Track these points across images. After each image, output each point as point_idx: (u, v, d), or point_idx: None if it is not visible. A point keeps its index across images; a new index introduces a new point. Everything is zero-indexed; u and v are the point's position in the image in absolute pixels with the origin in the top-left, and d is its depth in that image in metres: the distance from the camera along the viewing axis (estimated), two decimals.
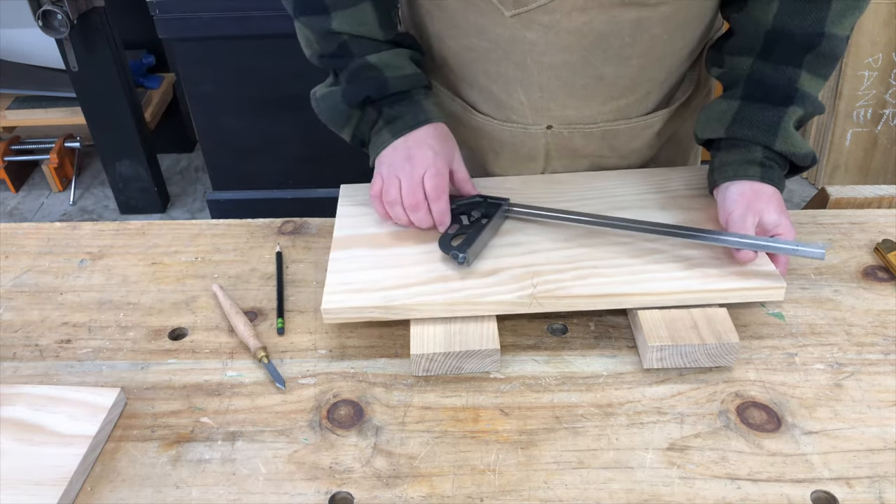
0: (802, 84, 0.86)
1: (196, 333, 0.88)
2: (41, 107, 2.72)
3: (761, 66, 0.87)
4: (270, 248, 1.00)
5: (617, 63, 0.91)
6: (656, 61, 0.93)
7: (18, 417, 0.75)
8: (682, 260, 0.85)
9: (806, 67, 0.85)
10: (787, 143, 0.86)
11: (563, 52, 0.89)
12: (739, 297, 0.82)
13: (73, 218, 2.77)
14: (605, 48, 0.89)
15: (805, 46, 0.85)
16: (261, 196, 2.43)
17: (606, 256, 0.86)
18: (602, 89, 0.94)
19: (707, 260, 0.85)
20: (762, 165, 0.86)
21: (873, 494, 0.67)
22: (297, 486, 0.71)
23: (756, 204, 0.85)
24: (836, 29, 0.84)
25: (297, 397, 0.79)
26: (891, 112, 2.50)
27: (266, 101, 2.23)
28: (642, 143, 1.03)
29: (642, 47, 0.89)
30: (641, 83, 0.95)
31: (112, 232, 1.04)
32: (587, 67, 0.91)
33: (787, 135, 0.86)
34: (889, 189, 1.07)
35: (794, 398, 0.77)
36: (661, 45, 0.90)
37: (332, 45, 0.91)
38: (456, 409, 0.77)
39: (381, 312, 0.82)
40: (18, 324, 0.90)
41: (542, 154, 1.03)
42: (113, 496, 0.70)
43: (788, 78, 0.86)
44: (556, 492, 0.69)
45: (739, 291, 0.82)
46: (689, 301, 0.81)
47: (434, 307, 0.82)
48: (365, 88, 0.90)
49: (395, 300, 0.82)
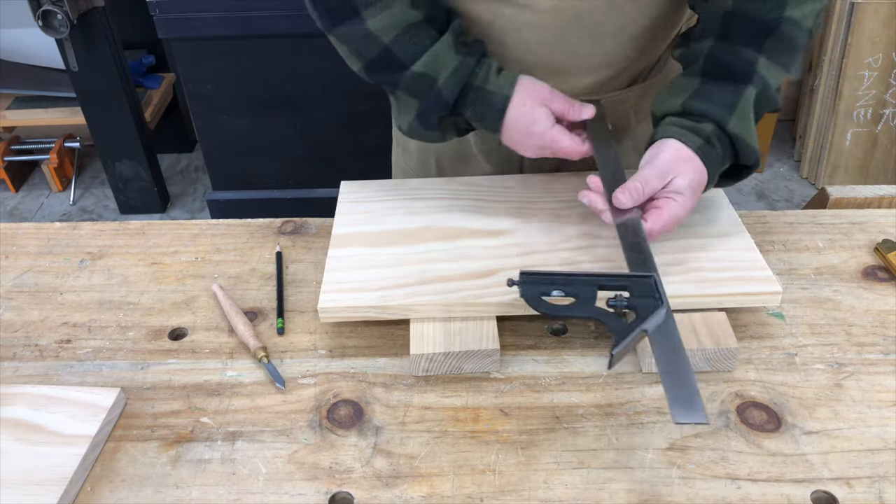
0: (761, 68, 0.84)
1: (196, 333, 0.88)
2: (41, 107, 2.72)
3: (720, 46, 0.86)
4: (270, 248, 1.00)
5: (591, 40, 0.93)
6: (630, 40, 0.95)
7: (18, 417, 0.75)
8: (679, 263, 0.85)
9: (765, 53, 0.84)
10: (741, 125, 0.84)
11: (539, 29, 0.92)
12: (735, 303, 0.82)
13: (73, 218, 2.77)
14: (579, 26, 0.91)
15: (764, 31, 0.84)
16: (261, 196, 2.43)
17: (603, 259, 0.86)
18: (577, 65, 0.97)
19: (703, 263, 0.85)
20: (707, 142, 0.83)
21: (873, 494, 0.67)
22: (297, 486, 0.71)
23: (679, 165, 0.82)
24: (796, 13, 0.83)
25: (297, 397, 0.79)
26: (891, 112, 2.50)
27: (266, 101, 2.23)
28: (620, 119, 1.05)
29: (614, 26, 0.92)
30: (616, 60, 0.97)
31: (112, 232, 1.04)
32: (563, 44, 0.94)
33: (742, 117, 0.84)
34: (889, 189, 1.07)
35: (794, 398, 0.77)
36: (633, 23, 0.93)
37: (374, 50, 0.88)
38: (456, 409, 0.77)
39: (376, 312, 0.83)
40: (18, 324, 0.90)
41: None
42: (113, 496, 0.70)
43: (746, 60, 0.85)
44: (556, 492, 0.69)
45: (735, 297, 0.82)
46: (684, 305, 0.81)
47: (430, 308, 0.82)
48: (432, 110, 0.89)
49: (392, 300, 0.82)
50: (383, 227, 0.93)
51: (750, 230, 0.91)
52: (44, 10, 2.16)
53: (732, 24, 0.86)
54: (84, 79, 2.40)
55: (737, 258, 0.85)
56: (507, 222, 0.93)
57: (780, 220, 1.00)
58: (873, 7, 2.32)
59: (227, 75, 2.20)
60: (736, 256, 0.86)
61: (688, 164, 0.82)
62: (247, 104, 2.25)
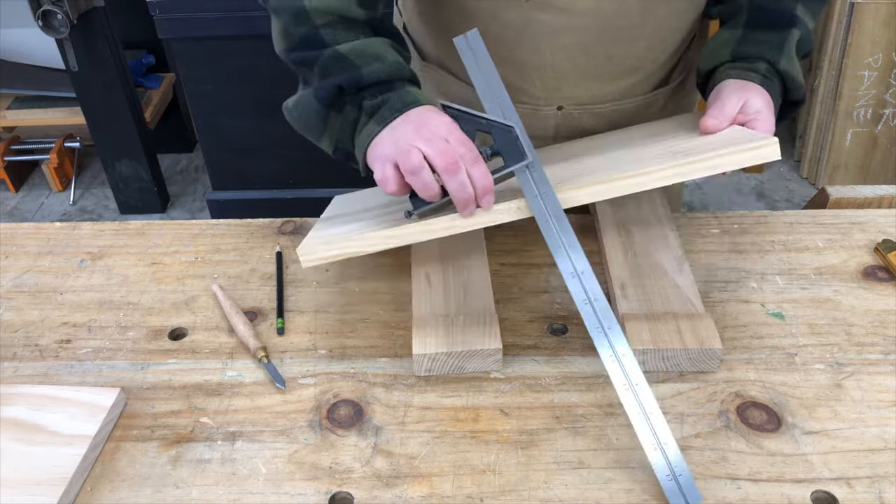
0: (800, 13, 0.91)
1: (196, 333, 0.88)
2: (41, 107, 2.72)
3: None
4: (270, 248, 1.00)
5: (626, 44, 0.94)
6: (660, 42, 0.97)
7: (18, 417, 0.75)
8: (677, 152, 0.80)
9: (801, 1, 0.91)
10: (789, 64, 0.89)
11: (575, 33, 0.92)
12: (735, 163, 0.75)
13: (73, 218, 2.77)
14: (615, 29, 0.92)
15: None
16: (261, 196, 2.43)
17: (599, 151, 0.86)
18: (611, 69, 0.97)
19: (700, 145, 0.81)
20: (764, 76, 0.89)
21: (873, 494, 0.67)
22: (297, 486, 0.71)
23: (746, 92, 0.86)
24: None
25: (297, 397, 0.79)
26: (891, 112, 2.49)
27: (266, 101, 2.23)
28: (646, 120, 1.06)
29: (649, 28, 0.93)
30: (646, 63, 0.99)
31: (112, 232, 1.04)
32: (598, 48, 0.94)
33: (790, 56, 0.90)
34: (889, 189, 1.07)
35: (794, 398, 0.77)
36: (665, 26, 0.95)
37: (301, 29, 0.81)
38: (456, 409, 0.77)
39: (357, 246, 0.78)
40: (18, 324, 0.90)
41: (551, 134, 1.06)
42: (113, 496, 0.70)
43: (787, 6, 0.91)
44: (556, 492, 0.69)
45: (734, 156, 0.75)
46: (686, 174, 0.75)
47: (412, 233, 0.77)
48: (337, 80, 0.79)
49: (368, 232, 0.78)
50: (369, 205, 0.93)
51: (750, 230, 0.91)
52: (44, 10, 2.16)
53: None
54: (84, 79, 2.40)
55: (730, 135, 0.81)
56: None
57: (780, 220, 1.00)
58: (873, 7, 2.32)
59: (227, 75, 2.20)
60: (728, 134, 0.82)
61: (754, 90, 0.86)
62: (247, 104, 2.25)
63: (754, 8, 0.92)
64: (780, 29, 0.90)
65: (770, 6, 0.91)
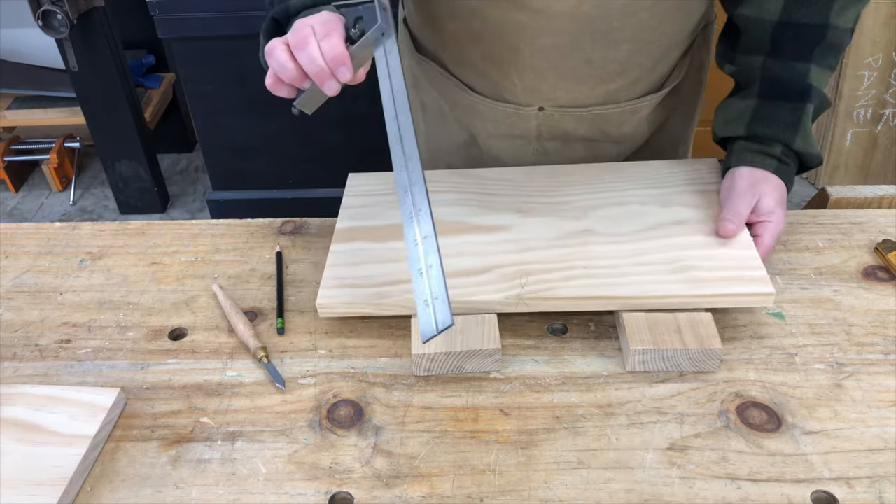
0: (813, 78, 0.89)
1: (196, 333, 0.88)
2: (41, 107, 2.72)
3: (773, 64, 0.90)
4: (270, 248, 1.00)
5: (606, 47, 0.93)
6: (645, 46, 0.95)
7: (18, 417, 0.75)
8: (672, 262, 0.84)
9: (815, 61, 0.88)
10: (805, 142, 0.89)
11: (553, 35, 0.91)
12: (727, 303, 0.82)
13: (72, 218, 2.77)
14: (593, 32, 0.91)
15: (813, 40, 0.87)
16: (260, 196, 2.43)
17: (598, 256, 0.86)
18: (591, 73, 0.96)
19: (699, 261, 0.84)
20: (780, 161, 0.89)
21: (873, 494, 0.67)
22: (297, 487, 0.71)
23: (760, 186, 0.88)
24: (840, 20, 0.87)
25: (297, 397, 0.79)
26: (891, 112, 2.49)
27: (266, 101, 2.22)
28: (632, 128, 1.05)
29: (630, 32, 0.92)
30: (630, 68, 0.97)
31: (112, 232, 1.04)
32: (576, 51, 0.93)
33: (805, 133, 0.89)
34: (889, 189, 1.07)
35: (794, 398, 0.77)
36: (649, 30, 0.93)
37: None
38: (456, 409, 0.77)
39: (373, 308, 0.83)
40: (18, 324, 0.90)
41: (533, 135, 1.06)
42: (113, 496, 0.70)
43: (800, 73, 0.89)
44: (556, 492, 0.69)
45: (727, 297, 0.81)
46: (675, 305, 0.81)
47: None
48: (272, 13, 0.84)
49: (388, 297, 0.83)
50: (385, 222, 0.94)
51: None
52: (44, 10, 2.16)
53: (782, 36, 0.88)
54: (84, 79, 2.40)
55: (733, 256, 0.85)
56: (506, 217, 0.93)
57: None
58: (873, 7, 2.31)
59: (227, 75, 2.20)
60: (732, 255, 0.85)
61: (768, 184, 0.88)
62: (247, 104, 2.25)
63: (766, 80, 0.90)
64: (794, 100, 0.89)
65: (783, 76, 0.89)
